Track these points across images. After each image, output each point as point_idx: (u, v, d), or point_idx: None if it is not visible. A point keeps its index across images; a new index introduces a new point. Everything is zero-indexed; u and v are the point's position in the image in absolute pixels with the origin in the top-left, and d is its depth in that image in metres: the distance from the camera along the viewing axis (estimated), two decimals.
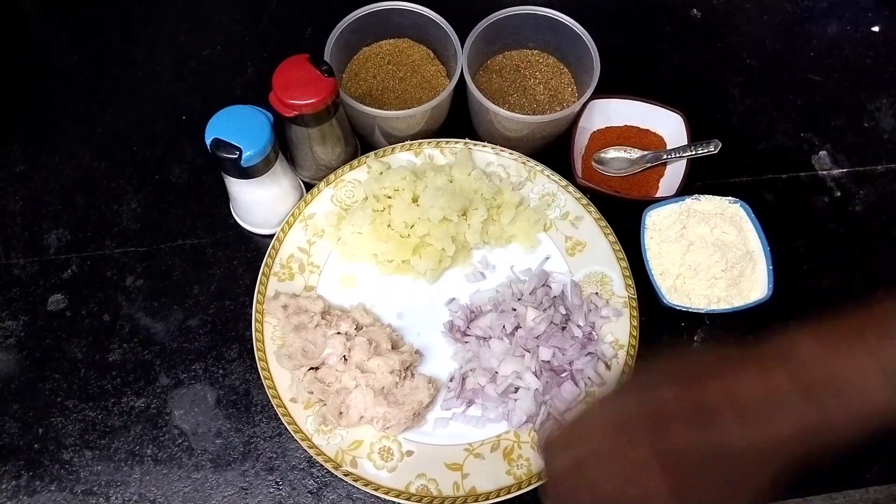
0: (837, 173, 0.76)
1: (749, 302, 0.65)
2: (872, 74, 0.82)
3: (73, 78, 0.80)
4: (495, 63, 0.76)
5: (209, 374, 0.65)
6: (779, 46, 0.84)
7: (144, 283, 0.69)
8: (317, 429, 0.60)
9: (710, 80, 0.81)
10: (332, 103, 0.61)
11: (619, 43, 0.81)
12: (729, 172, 0.75)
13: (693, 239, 0.67)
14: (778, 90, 0.81)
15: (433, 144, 0.71)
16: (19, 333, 0.66)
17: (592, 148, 0.74)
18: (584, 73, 0.72)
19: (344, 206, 0.69)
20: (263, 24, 0.83)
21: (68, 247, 0.70)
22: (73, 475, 0.61)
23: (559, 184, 0.70)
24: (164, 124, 0.77)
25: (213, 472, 0.62)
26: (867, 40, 0.84)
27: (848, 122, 0.79)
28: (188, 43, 0.82)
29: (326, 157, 0.69)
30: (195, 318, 0.67)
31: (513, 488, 0.59)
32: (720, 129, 0.77)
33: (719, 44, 0.84)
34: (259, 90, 0.63)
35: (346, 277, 0.67)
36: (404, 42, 0.76)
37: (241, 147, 0.59)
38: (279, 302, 0.64)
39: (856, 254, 0.72)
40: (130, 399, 0.64)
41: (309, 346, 0.62)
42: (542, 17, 0.72)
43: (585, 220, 0.69)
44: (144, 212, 0.72)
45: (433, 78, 0.74)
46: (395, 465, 0.60)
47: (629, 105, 0.74)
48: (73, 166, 0.74)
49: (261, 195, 0.65)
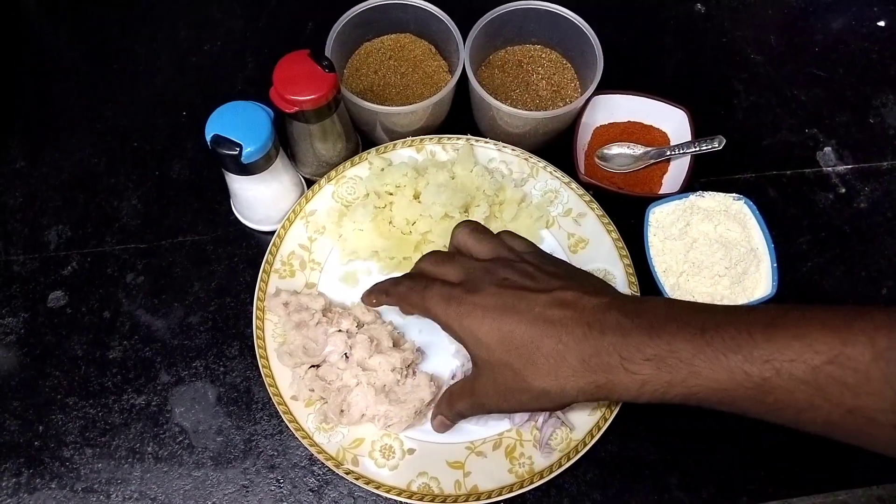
0: (842, 170, 0.76)
1: (753, 299, 0.64)
2: (878, 70, 0.81)
3: (72, 74, 0.79)
4: (497, 58, 0.76)
5: (210, 372, 0.65)
6: (783, 42, 0.83)
7: (145, 279, 0.69)
8: (318, 427, 0.60)
9: (714, 75, 0.81)
10: (333, 99, 0.61)
11: (622, 38, 0.80)
12: (733, 169, 0.74)
13: (696, 236, 0.66)
14: (782, 86, 0.80)
15: (435, 140, 0.71)
16: (19, 330, 0.66)
17: (595, 144, 0.74)
18: (587, 69, 0.71)
19: (345, 203, 0.69)
20: (264, 19, 0.83)
21: (68, 243, 0.70)
22: (74, 473, 0.61)
23: (562, 180, 0.70)
24: (165, 120, 0.76)
25: (214, 470, 0.61)
26: (873, 35, 0.84)
27: (853, 118, 0.78)
28: (188, 38, 0.81)
29: (327, 154, 0.68)
30: (196, 315, 0.67)
31: (514, 487, 0.58)
32: (724, 125, 0.77)
33: (723, 39, 0.83)
34: (259, 86, 0.63)
35: (348, 274, 0.67)
36: (406, 37, 0.75)
37: (241, 143, 0.58)
38: (280, 299, 0.63)
39: (860, 251, 0.71)
40: (131, 396, 0.64)
41: (310, 344, 0.61)
42: (544, 12, 0.71)
43: (588, 216, 0.68)
44: (145, 208, 0.72)
45: (435, 73, 0.74)
46: (397, 463, 0.60)
47: (632, 101, 0.73)
48: (73, 162, 0.74)
49: (261, 192, 0.65)
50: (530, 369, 0.48)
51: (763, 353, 0.41)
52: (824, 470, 0.62)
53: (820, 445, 0.62)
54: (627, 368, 0.45)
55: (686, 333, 0.44)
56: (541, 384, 0.48)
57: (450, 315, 0.50)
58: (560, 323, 0.47)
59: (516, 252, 0.55)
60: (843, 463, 0.62)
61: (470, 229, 0.56)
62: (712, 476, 0.61)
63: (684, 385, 0.43)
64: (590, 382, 0.46)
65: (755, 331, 0.42)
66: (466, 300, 0.50)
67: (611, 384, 0.46)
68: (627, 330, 0.45)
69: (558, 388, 0.47)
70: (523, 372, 0.48)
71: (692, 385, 0.43)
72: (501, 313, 0.48)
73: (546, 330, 0.47)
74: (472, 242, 0.55)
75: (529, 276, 0.51)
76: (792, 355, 0.40)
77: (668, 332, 0.44)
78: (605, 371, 0.46)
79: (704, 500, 0.60)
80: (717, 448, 0.62)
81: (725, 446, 0.62)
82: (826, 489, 0.61)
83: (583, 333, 0.46)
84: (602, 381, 0.46)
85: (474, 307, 0.49)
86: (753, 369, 0.41)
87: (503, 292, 0.49)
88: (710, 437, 0.62)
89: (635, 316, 0.46)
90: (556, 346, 0.47)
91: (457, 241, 0.56)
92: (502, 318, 0.48)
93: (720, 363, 0.42)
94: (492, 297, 0.49)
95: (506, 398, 0.50)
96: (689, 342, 0.43)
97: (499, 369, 0.49)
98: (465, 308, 0.50)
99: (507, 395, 0.50)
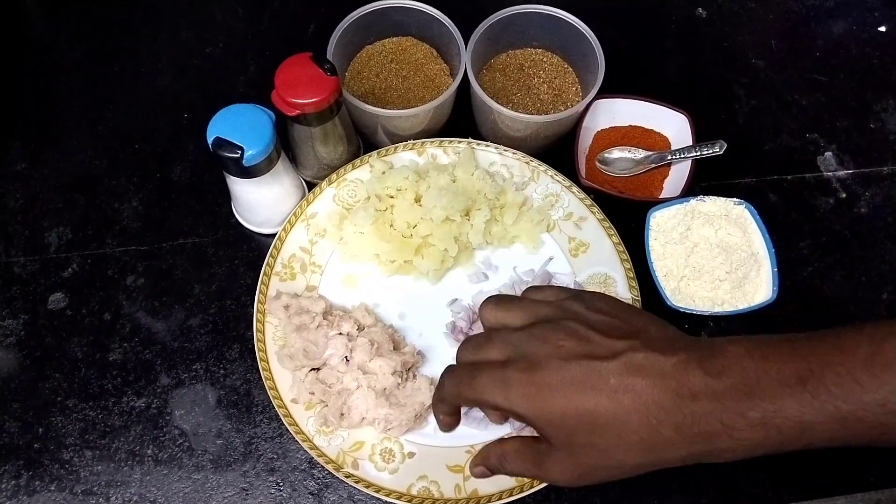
0: (843, 174, 0.76)
1: (753, 304, 0.64)
2: (879, 75, 0.81)
3: (74, 75, 0.79)
4: (499, 62, 0.76)
5: (210, 375, 0.65)
6: (784, 46, 0.83)
7: (145, 282, 0.68)
8: (318, 430, 0.60)
9: (716, 80, 0.81)
10: (334, 102, 0.61)
11: (623, 42, 0.80)
12: (734, 173, 0.75)
13: (697, 240, 0.66)
14: (783, 90, 0.80)
15: (436, 144, 0.71)
16: (19, 332, 0.66)
17: (596, 148, 0.74)
18: (588, 73, 0.71)
19: (346, 206, 0.69)
20: (266, 21, 0.83)
21: (69, 245, 0.70)
22: (73, 475, 0.61)
23: (563, 184, 0.70)
24: (166, 122, 0.76)
25: (214, 473, 0.61)
26: (874, 40, 0.84)
27: (854, 123, 0.78)
28: (190, 40, 0.81)
29: (329, 157, 0.68)
30: (196, 318, 0.67)
31: (515, 491, 0.58)
32: (725, 130, 0.77)
33: (725, 43, 0.83)
34: (261, 88, 0.63)
35: (348, 277, 0.67)
36: (407, 40, 0.75)
37: (243, 146, 0.58)
38: (281, 302, 0.63)
39: (861, 256, 0.71)
40: (131, 399, 0.64)
41: (310, 347, 0.61)
42: (546, 16, 0.71)
43: (589, 220, 0.68)
44: (146, 210, 0.72)
45: (436, 77, 0.74)
46: (397, 466, 0.60)
47: (634, 105, 0.73)
48: (74, 164, 0.74)
49: (263, 194, 0.65)
50: (621, 449, 0.43)
51: (875, 397, 0.39)
52: (825, 475, 0.62)
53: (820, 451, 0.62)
54: (733, 436, 0.41)
55: (786, 388, 0.40)
56: (635, 460, 0.43)
57: (512, 400, 0.44)
58: (644, 393, 0.42)
59: (552, 305, 0.49)
60: (843, 468, 0.62)
61: (494, 302, 0.51)
62: (713, 480, 0.61)
63: (798, 442, 0.41)
64: (692, 453, 0.42)
65: (857, 371, 0.39)
66: (527, 380, 0.44)
67: (717, 451, 0.42)
68: (720, 394, 0.41)
69: (654, 461, 0.43)
70: (612, 452, 0.43)
71: (807, 441, 0.41)
72: (575, 391, 0.43)
73: (631, 404, 0.42)
74: (503, 314, 0.50)
75: (584, 340, 0.45)
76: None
77: (765, 390, 0.40)
78: (706, 439, 0.41)
79: None
80: None
81: None
82: (826, 494, 0.61)
83: (673, 403, 0.42)
84: (706, 449, 0.42)
85: (540, 387, 0.44)
86: (868, 415, 0.39)
87: (567, 366, 0.44)
88: None
89: (722, 374, 0.41)
90: (647, 420, 0.42)
91: (486, 319, 0.51)
92: (577, 396, 0.43)
93: (832, 415, 0.39)
94: (556, 372, 0.44)
95: (589, 476, 0.45)
96: (793, 397, 0.40)
97: (581, 450, 0.44)
98: (530, 390, 0.44)
99: (590, 474, 0.45)
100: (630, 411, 0.42)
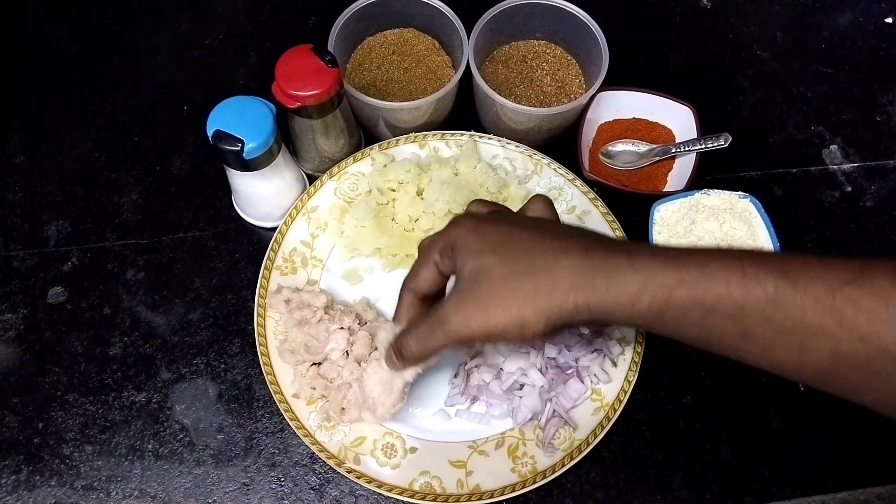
0: (848, 168, 0.75)
1: None
2: (885, 67, 0.81)
3: (73, 68, 0.79)
4: (502, 54, 0.75)
5: (211, 369, 0.64)
6: (790, 38, 0.82)
7: (145, 275, 0.68)
8: (319, 425, 0.60)
9: (720, 72, 0.80)
10: (335, 94, 0.60)
11: (627, 34, 0.80)
12: (738, 166, 0.74)
13: (702, 234, 0.66)
14: (789, 83, 0.80)
15: (438, 136, 0.70)
16: (19, 326, 0.66)
17: (600, 141, 0.73)
18: (592, 65, 0.70)
19: (347, 199, 0.68)
20: (266, 13, 0.82)
21: (68, 239, 0.70)
22: (74, 470, 0.61)
23: (566, 177, 0.69)
24: (166, 115, 0.76)
25: (215, 468, 0.61)
26: (880, 32, 0.83)
27: (860, 116, 0.78)
28: (190, 32, 0.81)
29: (330, 149, 0.68)
30: (196, 312, 0.67)
31: (517, 486, 0.58)
32: (730, 122, 0.76)
33: (730, 35, 0.82)
34: (262, 81, 0.63)
35: (350, 272, 0.67)
36: (409, 32, 0.75)
37: (243, 139, 0.58)
38: (282, 296, 0.63)
39: (866, 250, 0.71)
40: (131, 393, 0.63)
41: (311, 342, 0.61)
42: (549, 7, 0.71)
43: (593, 214, 0.68)
44: (145, 204, 0.71)
45: (438, 69, 0.73)
46: (399, 462, 0.59)
47: (638, 97, 0.73)
48: (74, 157, 0.74)
49: (263, 188, 0.64)
50: (524, 275, 0.45)
51: (781, 265, 0.39)
52: (827, 470, 0.61)
53: (823, 445, 0.62)
54: (634, 264, 0.42)
55: (698, 251, 0.43)
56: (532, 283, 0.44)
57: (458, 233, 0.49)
58: (564, 235, 0.46)
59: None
60: (845, 463, 0.61)
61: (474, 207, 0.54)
62: (716, 476, 0.61)
63: (693, 287, 0.41)
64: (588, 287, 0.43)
65: (773, 255, 0.44)
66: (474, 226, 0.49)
67: (613, 286, 0.43)
68: (634, 247, 0.46)
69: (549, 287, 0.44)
70: (514, 277, 0.45)
71: (702, 288, 0.41)
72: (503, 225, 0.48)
73: (547, 235, 0.46)
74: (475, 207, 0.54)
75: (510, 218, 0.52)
76: (812, 274, 0.38)
77: (678, 250, 0.44)
78: (606, 272, 0.43)
79: (708, 500, 0.60)
80: (721, 448, 0.62)
81: (729, 446, 0.62)
82: (829, 489, 0.61)
83: (584, 245, 0.45)
84: (602, 284, 0.43)
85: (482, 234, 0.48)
86: (769, 280, 0.39)
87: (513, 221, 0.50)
88: (713, 436, 0.62)
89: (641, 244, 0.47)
90: (556, 243, 0.45)
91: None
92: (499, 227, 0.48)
93: (734, 268, 0.40)
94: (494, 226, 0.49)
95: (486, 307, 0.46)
96: (703, 252, 0.42)
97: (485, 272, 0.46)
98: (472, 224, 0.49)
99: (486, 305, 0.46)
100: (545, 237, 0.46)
